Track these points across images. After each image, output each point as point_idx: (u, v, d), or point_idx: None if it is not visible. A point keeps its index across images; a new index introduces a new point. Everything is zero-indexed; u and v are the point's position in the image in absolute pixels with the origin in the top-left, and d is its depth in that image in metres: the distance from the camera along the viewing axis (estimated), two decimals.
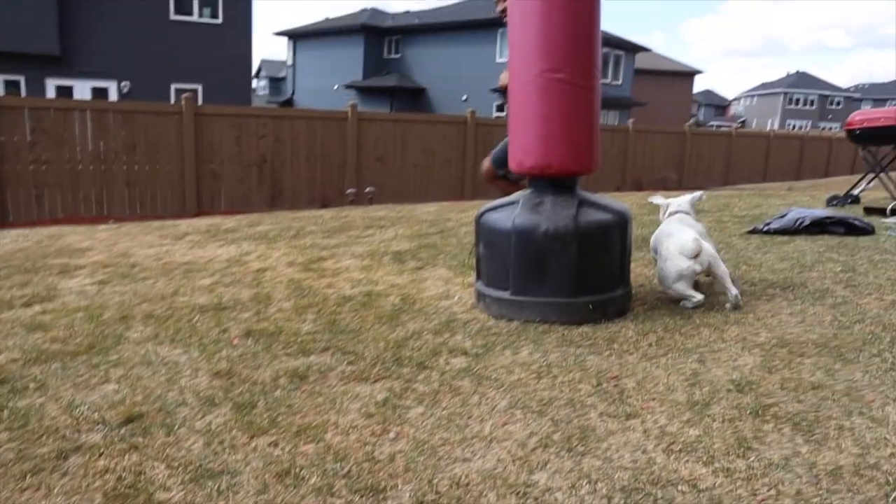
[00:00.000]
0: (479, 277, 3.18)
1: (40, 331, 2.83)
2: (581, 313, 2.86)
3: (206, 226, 6.59)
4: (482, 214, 3.11)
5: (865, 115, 6.66)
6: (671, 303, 3.16)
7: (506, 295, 2.95)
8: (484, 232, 3.07)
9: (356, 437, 1.87)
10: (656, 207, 3.75)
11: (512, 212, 2.95)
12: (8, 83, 15.66)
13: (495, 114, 26.80)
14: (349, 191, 11.06)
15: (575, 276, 2.84)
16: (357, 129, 11.16)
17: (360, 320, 3.00)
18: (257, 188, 10.35)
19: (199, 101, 17.81)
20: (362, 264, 4.23)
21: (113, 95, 16.82)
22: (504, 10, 4.29)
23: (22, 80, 15.60)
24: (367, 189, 11.29)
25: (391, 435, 1.88)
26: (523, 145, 2.95)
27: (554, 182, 2.98)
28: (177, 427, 1.94)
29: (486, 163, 4.69)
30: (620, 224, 2.94)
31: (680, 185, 16.62)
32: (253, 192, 10.33)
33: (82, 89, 16.31)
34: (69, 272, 4.11)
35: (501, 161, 4.59)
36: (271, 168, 10.41)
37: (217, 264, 4.33)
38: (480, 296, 3.10)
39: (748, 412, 1.95)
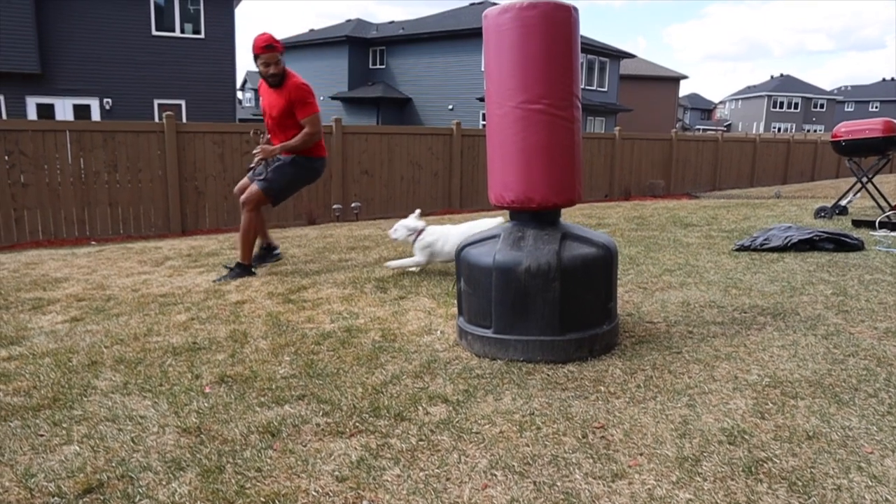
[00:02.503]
0: (461, 313, 3.09)
1: (2, 381, 2.70)
2: (566, 352, 2.77)
3: (188, 248, 6.47)
4: (462, 249, 3.01)
5: (850, 126, 6.63)
6: (659, 335, 3.08)
7: (488, 333, 2.86)
8: (465, 267, 2.97)
9: None
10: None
11: (493, 247, 2.86)
12: None
13: (482, 123, 26.81)
14: (335, 206, 10.95)
15: (559, 313, 2.74)
16: (342, 142, 11.06)
17: (339, 361, 2.89)
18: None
19: (183, 117, 17.70)
20: (343, 293, 4.13)
21: (95, 112, 16.65)
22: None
23: (1, 98, 15.41)
24: (353, 204, 11.18)
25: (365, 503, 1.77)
26: (503, 179, 2.86)
27: (535, 215, 2.89)
28: (138, 499, 1.82)
29: (256, 190, 4.79)
30: (605, 258, 2.85)
31: (668, 191, 16.62)
32: (238, 209, 10.17)
33: (64, 107, 16.13)
34: (42, 308, 3.98)
35: (276, 191, 4.82)
36: None
37: (195, 296, 4.21)
38: (463, 333, 3.00)
39: (741, 468, 1.86)
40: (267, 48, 4.52)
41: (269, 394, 2.54)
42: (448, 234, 4.39)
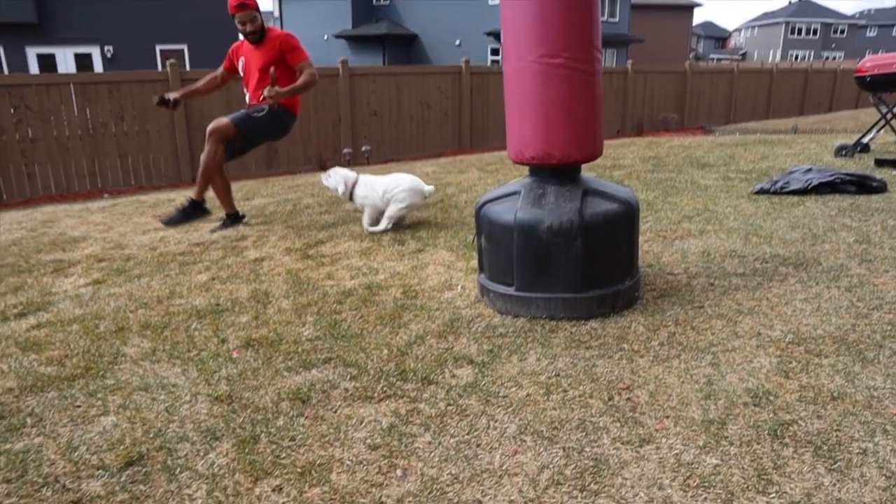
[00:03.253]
0: (482, 270, 3.09)
1: (35, 351, 2.76)
2: (589, 308, 2.78)
3: None
4: (482, 206, 2.99)
5: (877, 61, 6.42)
6: (681, 288, 3.08)
7: (511, 291, 2.87)
8: (485, 225, 2.96)
9: (363, 477, 1.81)
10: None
11: (513, 204, 2.83)
12: None
13: (490, 58, 26.20)
14: (345, 150, 10.86)
15: (582, 270, 2.74)
16: (349, 84, 10.90)
17: (362, 321, 2.92)
18: (251, 151, 10.14)
19: (186, 62, 17.39)
20: (361, 247, 4.14)
21: (97, 60, 16.39)
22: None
23: (1, 50, 15.16)
24: (364, 148, 11.09)
25: (398, 472, 1.82)
26: (521, 135, 2.81)
27: (556, 172, 2.85)
28: (178, 471, 1.87)
29: (227, 122, 4.70)
30: (627, 213, 2.82)
31: (682, 125, 16.34)
32: (248, 155, 10.10)
33: (65, 57, 15.86)
34: (63, 270, 4.02)
35: (246, 132, 4.76)
36: None
37: (213, 253, 4.24)
38: (484, 290, 3.01)
39: (766, 432, 1.88)
40: (240, 7, 4.51)
41: (295, 357, 2.58)
42: (374, 184, 4.54)
